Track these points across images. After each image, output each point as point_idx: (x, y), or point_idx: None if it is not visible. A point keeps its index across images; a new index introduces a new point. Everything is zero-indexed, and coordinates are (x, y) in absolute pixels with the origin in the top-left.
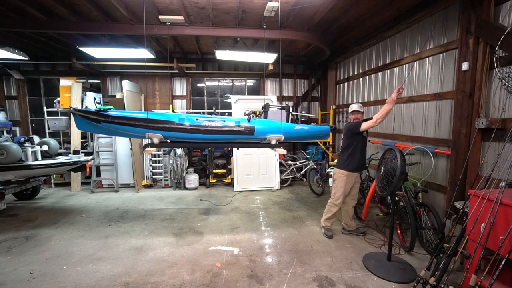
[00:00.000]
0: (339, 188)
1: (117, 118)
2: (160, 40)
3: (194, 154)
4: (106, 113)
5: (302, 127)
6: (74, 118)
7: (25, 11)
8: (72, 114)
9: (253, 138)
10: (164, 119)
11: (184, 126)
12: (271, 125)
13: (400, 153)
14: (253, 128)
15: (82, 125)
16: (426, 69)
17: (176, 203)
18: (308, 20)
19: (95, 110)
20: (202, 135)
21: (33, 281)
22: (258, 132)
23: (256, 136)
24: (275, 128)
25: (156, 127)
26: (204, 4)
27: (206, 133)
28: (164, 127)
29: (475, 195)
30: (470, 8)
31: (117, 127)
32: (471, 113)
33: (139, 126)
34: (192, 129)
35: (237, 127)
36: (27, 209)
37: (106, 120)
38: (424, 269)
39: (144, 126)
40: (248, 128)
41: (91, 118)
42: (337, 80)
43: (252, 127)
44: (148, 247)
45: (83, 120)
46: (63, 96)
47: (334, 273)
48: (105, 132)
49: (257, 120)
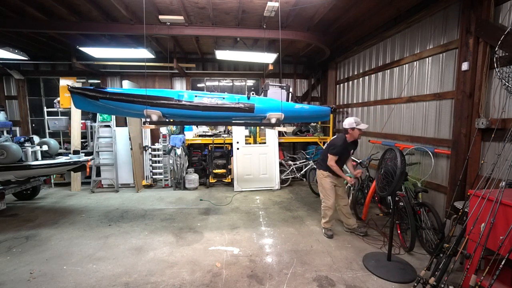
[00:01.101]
0: (326, 189)
1: (115, 95)
2: (160, 40)
3: (194, 154)
4: (104, 90)
5: (302, 106)
6: (72, 96)
7: (25, 11)
8: (70, 93)
9: (252, 116)
10: (163, 96)
11: (183, 103)
12: (271, 103)
13: (400, 153)
14: (253, 106)
15: (80, 103)
16: (426, 69)
17: (176, 203)
18: (308, 20)
19: (93, 87)
20: (201, 112)
21: (33, 281)
22: (258, 110)
23: (256, 114)
24: (275, 106)
25: (155, 104)
26: (204, 4)
27: (205, 110)
28: (163, 104)
29: (475, 195)
30: (470, 8)
31: (116, 104)
32: (471, 113)
33: (137, 102)
34: (191, 105)
35: (237, 104)
36: (27, 209)
37: (104, 97)
38: (424, 269)
39: (143, 102)
40: (248, 105)
41: (89, 95)
42: (337, 80)
43: (252, 105)
44: (148, 247)
45: (81, 98)
46: (63, 96)
47: (334, 273)
48: (103, 110)
49: (257, 98)
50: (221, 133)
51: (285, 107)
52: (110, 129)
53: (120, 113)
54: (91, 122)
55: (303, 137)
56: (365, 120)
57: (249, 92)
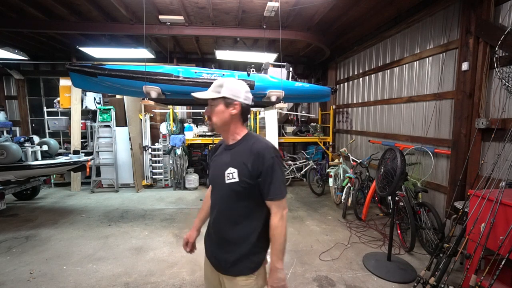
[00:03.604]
0: None
1: (114, 71)
2: (160, 40)
3: (194, 154)
4: (102, 66)
5: (302, 84)
6: (70, 75)
7: (25, 11)
8: (68, 71)
9: (253, 93)
10: (162, 72)
11: (182, 78)
12: (271, 81)
13: (400, 153)
14: (253, 83)
15: (79, 82)
16: (426, 69)
17: (176, 203)
18: (308, 20)
19: (91, 64)
20: (201, 88)
21: (33, 281)
22: (258, 87)
23: (256, 91)
24: (275, 84)
25: (154, 80)
26: (204, 4)
27: (205, 86)
28: (163, 80)
29: (475, 195)
30: (470, 8)
31: (114, 81)
32: (471, 113)
33: (136, 78)
34: (191, 81)
35: None
36: (27, 209)
37: (102, 73)
38: (424, 269)
39: (142, 78)
40: (248, 82)
41: (88, 72)
42: (337, 80)
43: (252, 82)
44: (148, 247)
45: (79, 76)
46: (63, 96)
47: (334, 273)
48: (102, 89)
49: (257, 75)
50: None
51: (285, 85)
52: (110, 129)
53: (119, 90)
54: (91, 122)
55: (303, 137)
56: (365, 120)
57: (249, 69)
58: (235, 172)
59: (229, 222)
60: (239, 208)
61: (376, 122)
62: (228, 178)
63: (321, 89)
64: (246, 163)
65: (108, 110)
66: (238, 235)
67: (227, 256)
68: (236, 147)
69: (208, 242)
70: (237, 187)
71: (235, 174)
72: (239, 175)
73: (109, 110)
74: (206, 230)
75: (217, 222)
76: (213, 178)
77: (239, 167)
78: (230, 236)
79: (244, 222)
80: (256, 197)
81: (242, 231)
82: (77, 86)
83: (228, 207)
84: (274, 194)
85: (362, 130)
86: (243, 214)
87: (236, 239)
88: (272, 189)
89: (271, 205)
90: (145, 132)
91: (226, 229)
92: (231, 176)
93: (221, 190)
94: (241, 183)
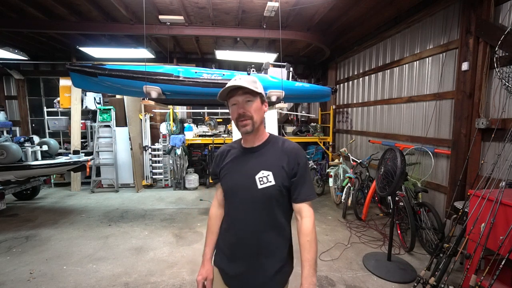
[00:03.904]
0: None
1: (114, 71)
2: (160, 40)
3: (194, 154)
4: (103, 66)
5: (303, 84)
6: (70, 75)
7: (25, 11)
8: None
9: None
10: (163, 72)
11: (182, 79)
12: (272, 81)
13: (400, 153)
14: None
15: (79, 82)
16: (426, 69)
17: (176, 203)
18: (308, 20)
19: (91, 64)
20: (201, 88)
21: (33, 281)
22: None
23: None
24: (275, 84)
25: (154, 80)
26: (204, 4)
27: (205, 86)
28: (163, 80)
29: (475, 195)
30: (470, 8)
31: (115, 81)
32: (471, 113)
33: (137, 78)
34: (191, 81)
35: None
36: (27, 209)
37: (103, 73)
38: (424, 269)
39: (142, 78)
40: None
41: (88, 72)
42: (337, 80)
43: None
44: (148, 247)
45: (79, 76)
46: (63, 96)
47: (334, 273)
48: (102, 88)
49: (257, 75)
50: (221, 133)
51: (285, 85)
52: (110, 129)
53: (119, 90)
54: (91, 122)
55: (303, 137)
56: (365, 120)
57: (249, 69)
58: (270, 175)
59: (265, 233)
60: (277, 215)
61: (376, 122)
62: (262, 183)
63: (321, 89)
64: (281, 164)
65: (108, 110)
66: (276, 246)
67: (266, 270)
68: (263, 148)
69: (228, 262)
70: (274, 191)
71: (270, 177)
72: (275, 177)
73: (109, 110)
74: (220, 250)
75: (248, 237)
76: (235, 186)
77: (274, 169)
78: (269, 248)
79: (280, 230)
80: (288, 201)
81: (279, 240)
82: (77, 86)
83: (263, 216)
84: (308, 194)
85: (362, 130)
86: (279, 221)
87: (274, 250)
88: (306, 189)
89: (303, 207)
90: (145, 132)
91: (262, 242)
92: (265, 180)
93: (251, 198)
94: (278, 186)
